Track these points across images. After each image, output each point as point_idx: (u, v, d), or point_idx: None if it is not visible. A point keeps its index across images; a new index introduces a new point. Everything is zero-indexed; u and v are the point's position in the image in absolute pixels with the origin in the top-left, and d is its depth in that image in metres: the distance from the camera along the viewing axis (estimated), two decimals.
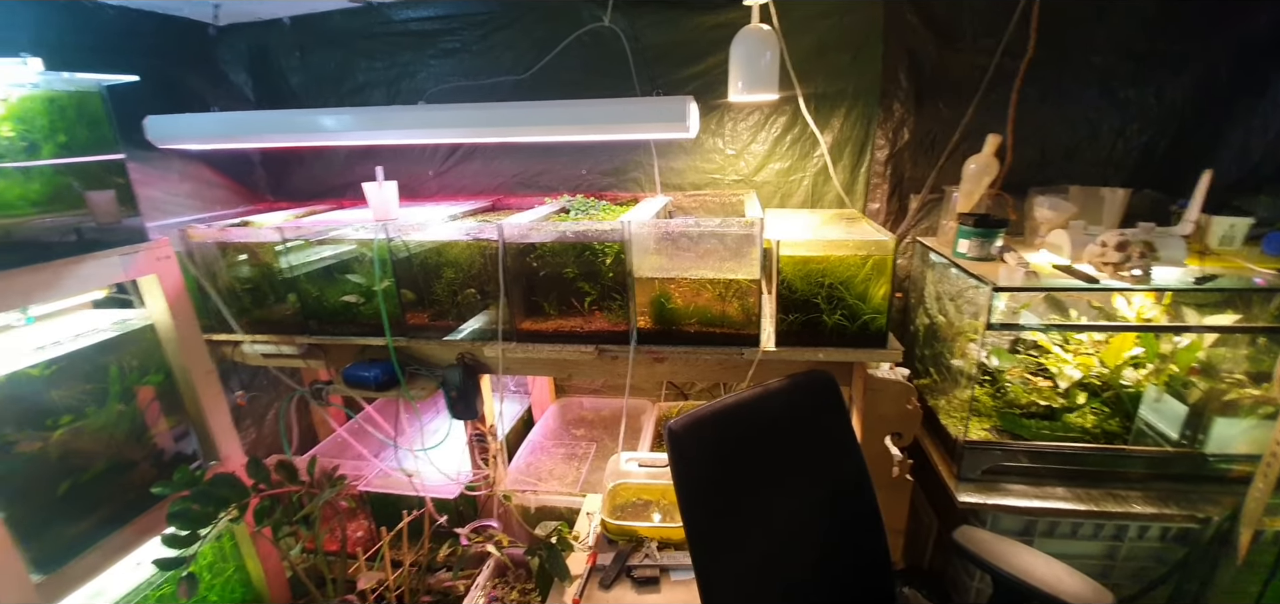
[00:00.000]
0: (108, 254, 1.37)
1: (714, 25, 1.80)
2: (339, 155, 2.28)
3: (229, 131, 1.75)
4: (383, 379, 1.64)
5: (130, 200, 1.42)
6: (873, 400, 1.49)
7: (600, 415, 2.48)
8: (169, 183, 1.95)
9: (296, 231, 1.64)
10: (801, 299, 1.41)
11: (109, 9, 1.75)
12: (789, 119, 1.89)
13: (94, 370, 1.39)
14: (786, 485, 1.24)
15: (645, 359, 1.55)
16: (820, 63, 1.81)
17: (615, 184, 2.07)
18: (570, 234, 1.47)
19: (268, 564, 1.86)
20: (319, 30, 2.10)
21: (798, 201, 1.96)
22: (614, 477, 1.80)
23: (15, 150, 1.21)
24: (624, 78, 1.89)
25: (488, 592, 1.87)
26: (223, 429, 1.68)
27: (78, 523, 1.36)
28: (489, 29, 1.98)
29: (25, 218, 1.24)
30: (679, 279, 1.47)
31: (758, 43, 1.48)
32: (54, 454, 1.30)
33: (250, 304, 1.74)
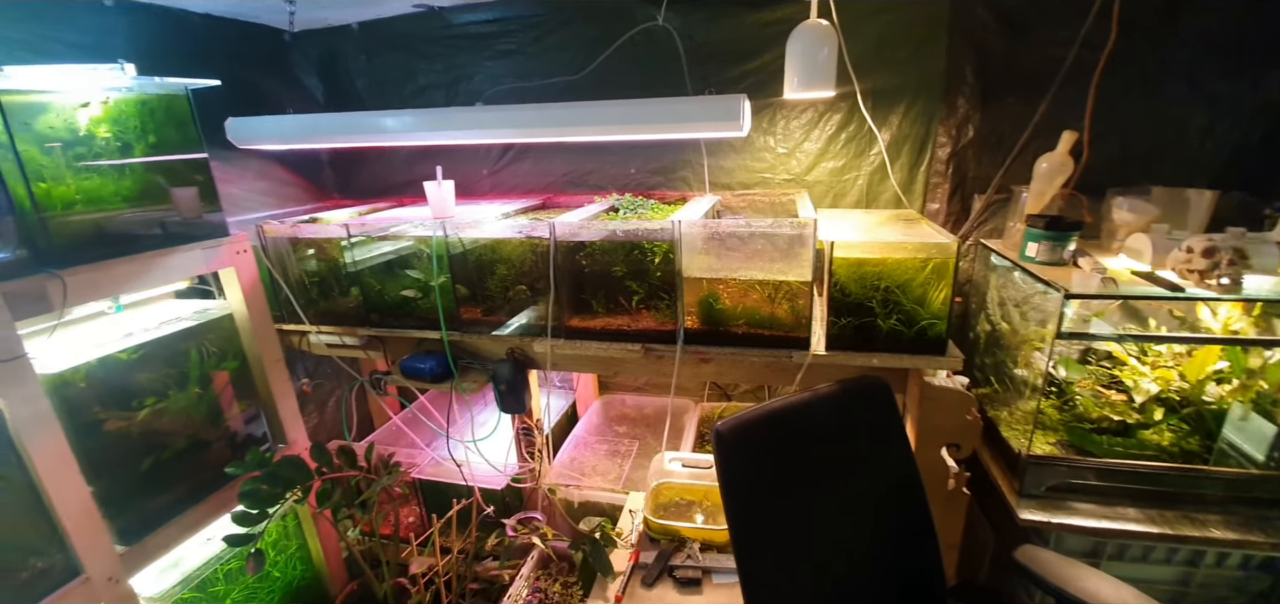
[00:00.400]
0: (191, 247, 1.48)
1: (769, 22, 1.77)
2: (400, 155, 2.37)
3: (302, 132, 1.85)
4: (437, 372, 1.70)
5: (212, 197, 1.53)
6: (929, 409, 1.43)
7: (643, 413, 2.49)
8: (246, 180, 2.09)
9: (361, 228, 1.71)
10: (855, 302, 1.37)
11: (196, 17, 1.88)
12: (844, 116, 1.84)
13: (176, 356, 1.50)
14: (836, 493, 1.21)
15: (691, 359, 1.54)
16: (879, 58, 1.75)
17: (663, 183, 2.07)
18: (620, 233, 1.48)
19: (326, 544, 1.96)
20: (384, 35, 2.19)
21: (851, 201, 1.90)
22: (657, 476, 1.81)
23: (110, 150, 1.32)
24: (675, 76, 1.88)
25: (531, 582, 1.91)
26: (290, 414, 1.78)
27: (157, 498, 1.47)
28: (543, 31, 2.01)
29: (117, 212, 1.35)
30: (728, 279, 1.46)
31: (815, 38, 1.44)
32: (137, 433, 1.41)
33: (317, 296, 1.83)
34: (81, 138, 1.27)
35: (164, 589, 1.49)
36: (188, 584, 1.55)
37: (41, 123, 1.21)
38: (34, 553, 1.20)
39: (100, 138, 1.30)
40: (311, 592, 1.96)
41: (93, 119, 1.28)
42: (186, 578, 1.55)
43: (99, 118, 1.30)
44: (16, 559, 1.17)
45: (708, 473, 1.77)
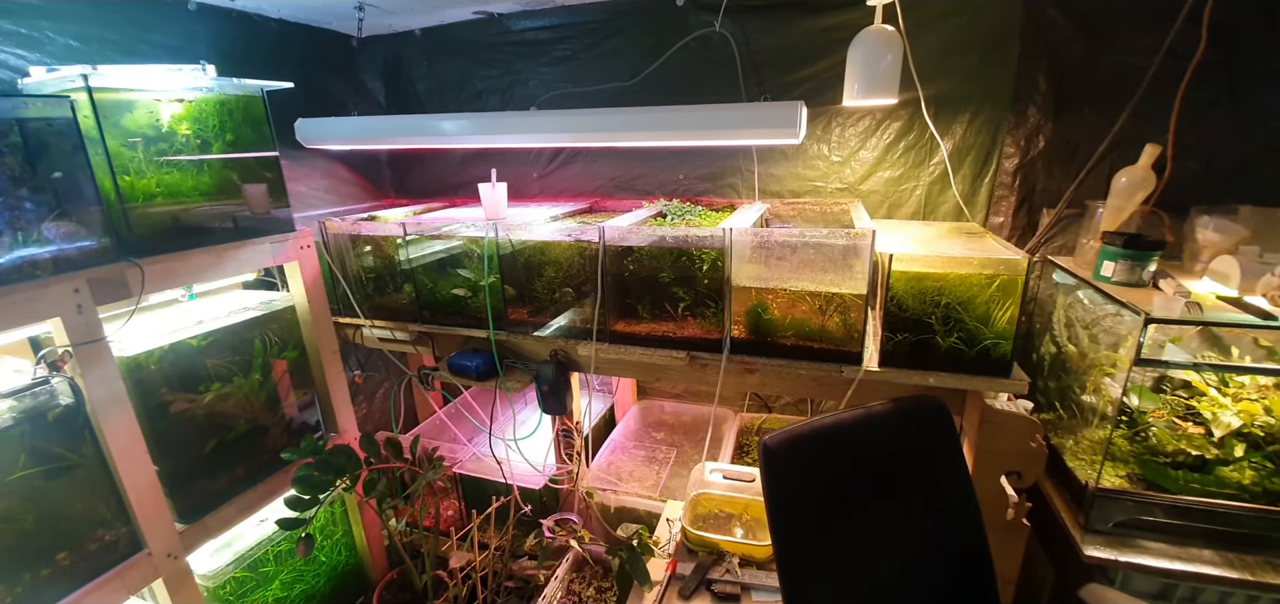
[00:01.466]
0: (261, 241, 1.55)
1: (828, 28, 1.74)
2: (455, 157, 2.44)
3: (365, 134, 1.92)
4: (483, 370, 1.73)
5: (281, 193, 1.60)
6: (989, 434, 1.36)
7: (681, 420, 2.47)
8: (312, 179, 2.19)
9: (417, 227, 1.76)
10: (912, 318, 1.32)
11: (271, 21, 1.99)
12: (904, 124, 1.78)
13: (242, 343, 1.57)
14: (887, 516, 1.16)
15: (736, 369, 1.51)
16: (945, 64, 1.68)
17: (711, 189, 2.05)
18: (669, 239, 1.47)
19: (370, 532, 2.02)
20: (445, 40, 2.26)
21: (908, 212, 1.84)
22: (697, 486, 1.78)
23: (190, 146, 1.40)
24: (728, 82, 1.87)
25: (566, 584, 1.91)
26: (342, 404, 1.84)
27: (217, 479, 1.54)
28: (598, 37, 2.03)
29: (193, 206, 1.43)
30: (777, 289, 1.43)
31: (879, 44, 1.40)
32: (200, 416, 1.48)
33: (372, 291, 1.89)
34: (164, 134, 1.35)
35: (218, 567, 1.56)
36: (240, 563, 1.61)
37: (128, 119, 1.29)
38: (102, 526, 1.27)
39: (181, 135, 1.38)
40: (354, 578, 2.02)
41: (175, 116, 1.36)
42: (239, 557, 1.61)
43: (181, 116, 1.37)
44: (85, 532, 1.24)
45: (749, 486, 1.73)
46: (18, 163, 1.13)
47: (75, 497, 1.22)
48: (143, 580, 1.33)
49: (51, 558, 1.19)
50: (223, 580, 1.57)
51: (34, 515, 1.16)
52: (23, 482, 1.14)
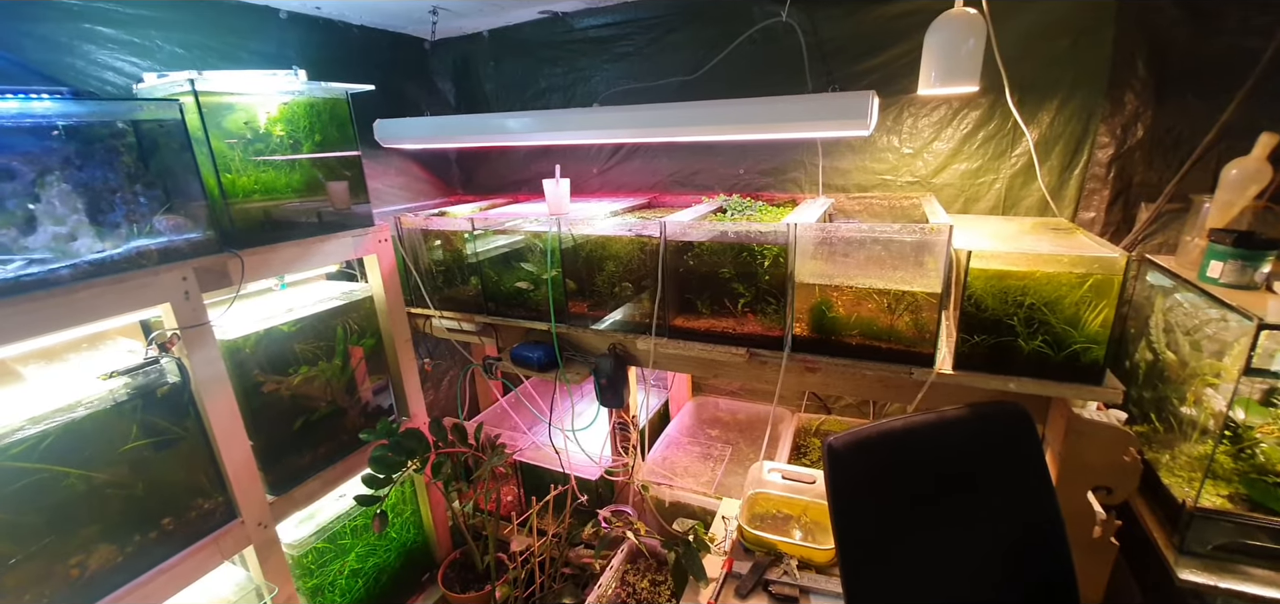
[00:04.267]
0: (344, 235, 1.65)
1: (899, 14, 1.66)
2: (519, 154, 2.51)
3: (437, 133, 2.01)
4: (544, 361, 1.77)
5: (362, 190, 1.70)
6: (1076, 445, 1.27)
7: (736, 418, 2.44)
8: (388, 176, 2.31)
9: (484, 222, 1.82)
10: (992, 319, 1.25)
11: (354, 28, 2.11)
12: (983, 114, 1.68)
13: (326, 330, 1.67)
14: (961, 528, 1.11)
15: (797, 368, 1.48)
16: (1031, 49, 1.58)
17: (773, 184, 2.01)
18: (731, 234, 1.45)
19: (436, 513, 2.12)
20: (511, 41, 2.32)
21: (986, 207, 1.74)
22: (755, 485, 1.76)
23: (284, 146, 1.50)
24: (792, 74, 1.82)
25: (620, 574, 1.93)
26: (413, 389, 1.94)
27: (302, 455, 1.65)
28: (660, 32, 2.03)
29: (284, 201, 1.53)
30: (843, 286, 1.38)
31: (960, 29, 1.33)
32: (287, 396, 1.59)
33: (442, 283, 1.98)
34: (261, 135, 1.46)
35: (301, 538, 1.68)
36: (321, 535, 1.73)
37: (229, 121, 1.40)
38: (201, 495, 1.39)
39: (276, 135, 1.49)
40: (421, 555, 2.12)
41: (270, 118, 1.47)
42: (320, 529, 1.73)
43: (275, 117, 1.48)
44: (187, 500, 1.36)
45: (809, 488, 1.70)
46: (133, 161, 1.25)
47: (179, 467, 1.34)
48: (236, 546, 1.45)
49: (158, 522, 1.31)
50: (305, 550, 1.68)
51: (143, 483, 1.28)
52: (134, 452, 1.26)
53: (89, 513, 1.19)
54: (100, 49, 1.47)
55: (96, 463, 1.20)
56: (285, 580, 1.56)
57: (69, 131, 1.16)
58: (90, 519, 1.20)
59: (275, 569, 1.53)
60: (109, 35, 1.48)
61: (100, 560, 1.22)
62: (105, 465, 1.21)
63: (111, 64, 1.49)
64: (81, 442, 1.18)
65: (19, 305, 1.06)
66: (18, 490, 1.09)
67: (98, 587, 1.21)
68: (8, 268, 1.08)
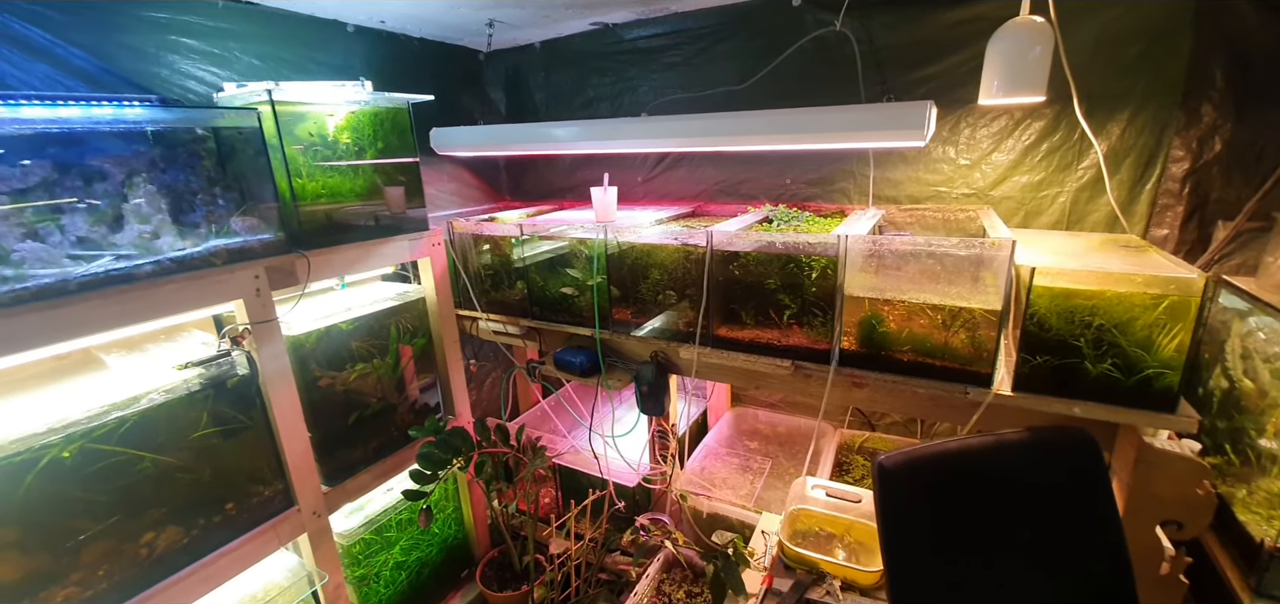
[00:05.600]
0: (400, 238, 1.71)
1: (961, 21, 1.61)
2: (565, 162, 2.55)
3: (490, 141, 2.07)
4: (587, 366, 1.79)
5: (419, 195, 1.76)
6: (1146, 476, 1.20)
7: (776, 431, 2.40)
8: (440, 181, 2.40)
9: (532, 228, 1.86)
10: (1056, 339, 1.19)
11: (414, 40, 2.20)
12: (1047, 124, 1.61)
13: (380, 329, 1.74)
14: (1020, 557, 1.06)
15: (844, 382, 1.45)
16: (1100, 58, 1.51)
17: (820, 194, 1.98)
18: (779, 244, 1.44)
19: (477, 511, 2.16)
20: (561, 52, 2.37)
21: (1048, 221, 1.67)
22: (797, 500, 1.73)
23: (349, 153, 1.58)
24: (844, 83, 1.79)
25: (656, 583, 1.93)
26: (459, 389, 1.99)
27: (355, 449, 1.72)
28: (709, 42, 2.03)
29: (345, 205, 1.60)
30: (895, 300, 1.35)
31: (1025, 37, 1.28)
32: (342, 391, 1.65)
33: (489, 287, 2.03)
34: (328, 142, 1.53)
35: (350, 528, 1.74)
36: (369, 527, 1.79)
37: (301, 128, 1.47)
38: (262, 483, 1.45)
39: (342, 143, 1.56)
40: (461, 551, 2.16)
41: (337, 126, 1.54)
42: (369, 521, 1.79)
43: (342, 125, 1.56)
44: (249, 487, 1.43)
45: (853, 506, 1.66)
46: (212, 165, 1.33)
47: (243, 455, 1.41)
48: (292, 533, 1.51)
49: (222, 507, 1.38)
50: (354, 540, 1.74)
51: (211, 469, 1.35)
52: (203, 439, 1.33)
53: (160, 495, 1.27)
54: (184, 59, 1.58)
55: (169, 448, 1.27)
56: (335, 569, 1.62)
57: (156, 136, 1.24)
58: (160, 501, 1.27)
59: (327, 557, 1.60)
60: (192, 46, 1.59)
61: (168, 541, 1.29)
62: (176, 451, 1.29)
63: (194, 74, 1.60)
64: (156, 428, 1.25)
65: (107, 298, 1.14)
66: (97, 471, 1.17)
67: (165, 566, 1.28)
68: (98, 263, 1.16)
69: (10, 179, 1.09)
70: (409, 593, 1.95)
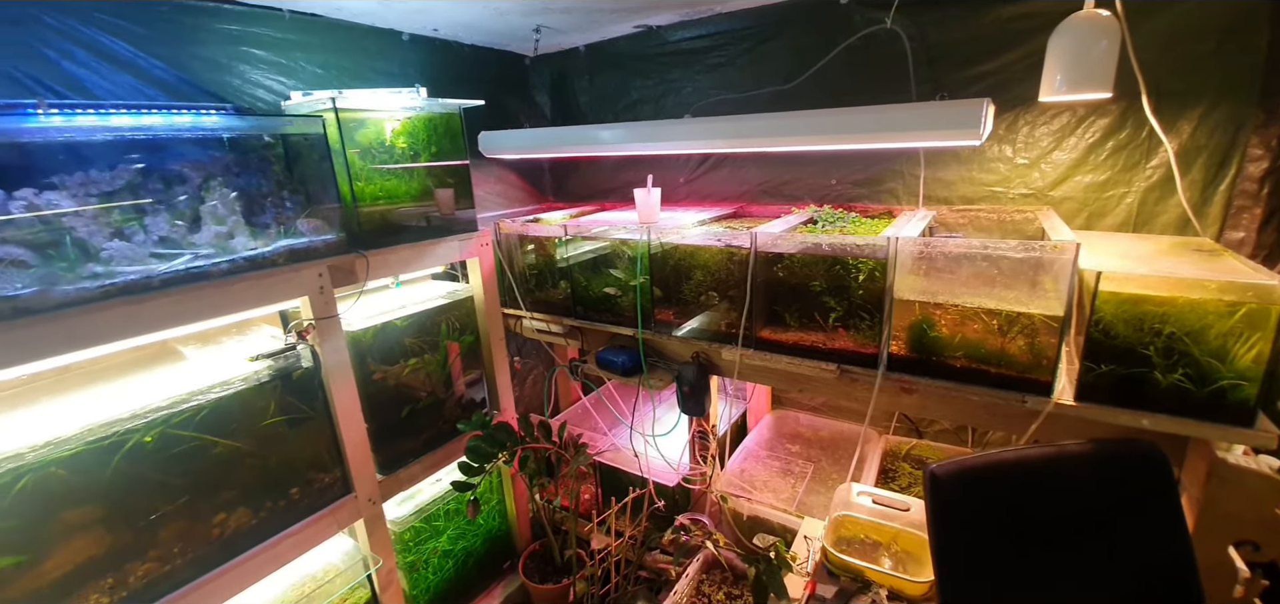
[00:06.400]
0: (451, 239, 1.77)
1: (1019, 16, 1.56)
2: (608, 163, 2.58)
3: (537, 144, 2.13)
4: (629, 366, 1.81)
5: (469, 197, 1.82)
6: (1219, 493, 1.14)
7: (818, 435, 2.37)
8: (487, 184, 2.47)
9: (576, 228, 1.89)
10: (1123, 347, 1.14)
11: (465, 47, 2.27)
12: (1113, 122, 1.54)
13: (431, 326, 1.80)
14: (1079, 574, 1.03)
15: (892, 387, 1.42)
16: (1171, 52, 1.43)
17: (867, 195, 1.94)
18: (826, 246, 1.42)
19: (519, 504, 2.21)
20: (605, 54, 2.40)
21: (1113, 223, 1.59)
22: (842, 506, 1.70)
23: (404, 156, 1.64)
24: (894, 81, 1.76)
25: (695, 583, 1.93)
26: (504, 386, 2.04)
27: (407, 440, 1.78)
28: (753, 42, 2.03)
29: (400, 207, 1.67)
30: (947, 304, 1.32)
31: (1090, 31, 1.23)
32: (394, 385, 1.72)
33: (534, 286, 2.07)
34: (386, 146, 1.60)
35: (401, 515, 1.81)
36: (419, 515, 1.85)
37: (361, 134, 1.54)
38: (323, 470, 1.52)
39: (398, 147, 1.63)
40: (503, 543, 2.22)
41: (394, 131, 1.61)
42: (419, 510, 1.85)
43: (398, 130, 1.62)
44: (311, 474, 1.50)
45: (902, 515, 1.62)
46: (281, 169, 1.41)
47: (306, 444, 1.49)
48: (349, 518, 1.58)
49: (286, 491, 1.46)
50: (405, 528, 1.81)
51: (277, 455, 1.42)
52: (271, 427, 1.40)
53: (231, 479, 1.34)
54: (254, 69, 1.67)
55: (239, 435, 1.35)
56: (388, 554, 1.69)
57: (231, 142, 1.32)
58: (231, 485, 1.35)
59: (380, 543, 1.66)
60: (261, 57, 1.68)
61: (238, 521, 1.37)
62: (246, 437, 1.36)
63: (263, 82, 1.69)
64: (229, 415, 1.33)
65: (187, 294, 1.22)
66: (176, 455, 1.25)
67: (235, 545, 1.36)
68: (178, 260, 1.24)
69: (100, 182, 1.18)
70: (455, 581, 2.01)
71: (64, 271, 1.10)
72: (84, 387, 1.32)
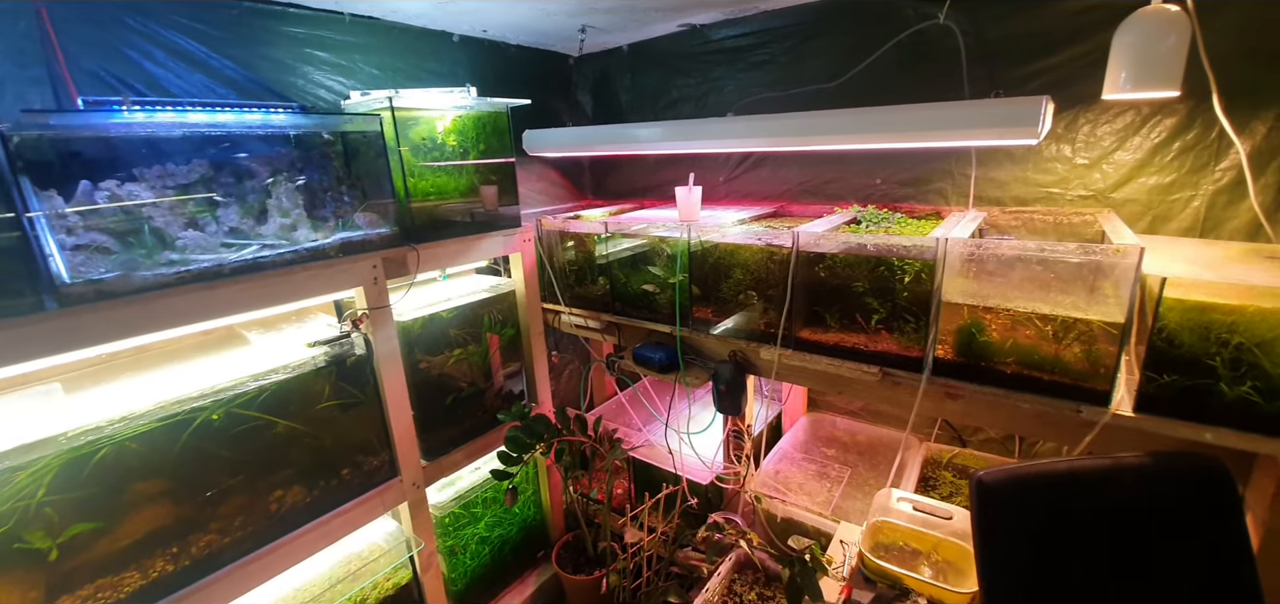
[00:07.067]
0: (496, 234, 1.82)
1: (1081, 10, 1.50)
2: (647, 161, 2.60)
3: (580, 142, 2.16)
4: (665, 363, 1.82)
5: (513, 194, 1.86)
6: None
7: (855, 439, 2.33)
8: (529, 181, 2.53)
9: (616, 226, 1.92)
10: (1187, 357, 1.09)
11: (511, 47, 2.33)
12: (1181, 121, 1.47)
13: (474, 319, 1.85)
14: (1134, 596, 0.98)
15: (936, 392, 1.39)
16: (1243, 49, 1.35)
17: (913, 195, 1.90)
18: (871, 247, 1.40)
19: (554, 495, 2.25)
20: (648, 53, 2.42)
21: (1179, 227, 1.52)
22: (880, 512, 1.67)
23: (454, 154, 1.70)
24: (945, 77, 1.72)
25: (726, 582, 1.93)
26: (542, 379, 2.08)
27: (450, 428, 1.83)
28: (798, 40, 2.01)
29: (447, 203, 1.72)
30: (998, 308, 1.28)
31: (1158, 27, 1.18)
32: (437, 375, 1.77)
33: (573, 282, 2.11)
34: (438, 144, 1.65)
35: (442, 500, 1.86)
36: (459, 501, 1.91)
37: (415, 132, 1.60)
38: (371, 453, 1.59)
39: (449, 144, 1.68)
40: (538, 532, 2.26)
41: (445, 129, 1.66)
42: (458, 496, 1.91)
43: (449, 128, 1.68)
44: (360, 457, 1.56)
45: (944, 523, 1.59)
46: (340, 165, 1.47)
47: (357, 428, 1.55)
48: (395, 501, 1.64)
49: (338, 472, 1.52)
50: (445, 513, 1.87)
51: (330, 437, 1.49)
52: (326, 411, 1.47)
53: (288, 458, 1.42)
54: (316, 69, 1.76)
55: (297, 416, 1.42)
56: (430, 537, 1.75)
57: (296, 139, 1.39)
58: (288, 463, 1.42)
59: (423, 526, 1.72)
60: (323, 58, 1.76)
61: (293, 499, 1.44)
62: (303, 419, 1.43)
63: (324, 82, 1.77)
64: (288, 397, 1.40)
65: (254, 281, 1.30)
66: (239, 433, 1.32)
67: (290, 521, 1.43)
68: (246, 250, 1.32)
69: (177, 175, 1.26)
70: (491, 567, 2.07)
71: (143, 258, 1.17)
72: (157, 366, 1.41)
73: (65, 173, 1.09)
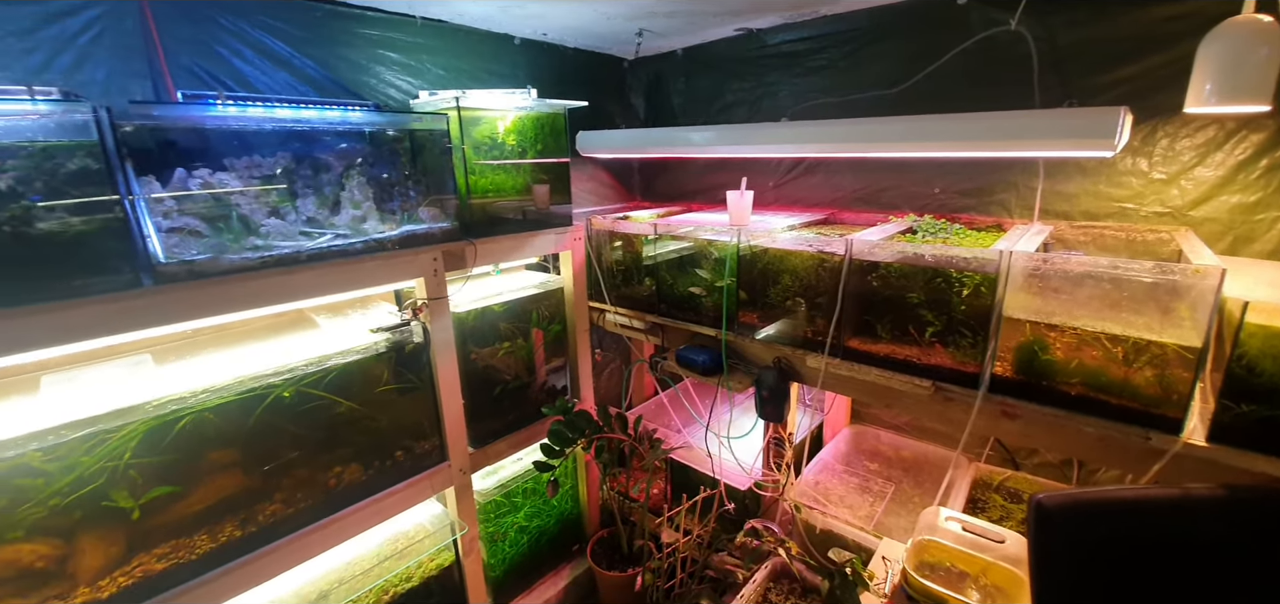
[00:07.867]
0: (548, 232, 1.87)
1: (1168, 17, 1.43)
2: (697, 165, 2.62)
3: (633, 144, 2.20)
4: (709, 365, 1.82)
5: (565, 192, 1.91)
6: None
7: (899, 455, 2.28)
8: (580, 181, 2.58)
9: (665, 227, 1.94)
10: (1268, 386, 1.03)
11: (569, 50, 2.39)
12: (1268, 138, 1.38)
13: (523, 314, 1.91)
14: None
15: (992, 410, 1.35)
16: None
17: (974, 206, 1.84)
18: (929, 257, 1.37)
19: (591, 491, 2.28)
20: (702, 57, 2.43)
21: (1263, 249, 1.42)
22: (927, 530, 1.63)
23: (513, 153, 1.76)
24: (1014, 86, 1.66)
25: (762, 590, 1.91)
26: (585, 375, 2.12)
27: (496, 418, 1.89)
28: (857, 45, 1.99)
29: (502, 199, 1.78)
30: (1063, 326, 1.23)
31: (1249, 37, 1.11)
32: (485, 366, 1.83)
33: (620, 282, 2.14)
34: (498, 143, 1.72)
35: (486, 488, 1.93)
36: (501, 489, 1.97)
37: (477, 131, 1.67)
38: (423, 438, 1.65)
39: (509, 144, 1.75)
40: (574, 526, 2.30)
41: (506, 129, 1.72)
42: (501, 485, 1.97)
43: (510, 128, 1.74)
44: (413, 440, 1.63)
45: (995, 546, 1.53)
46: (407, 161, 1.55)
47: (412, 412, 1.62)
48: (443, 484, 1.70)
49: (393, 453, 1.59)
50: (488, 499, 1.93)
51: (387, 419, 1.56)
52: (384, 394, 1.54)
53: (348, 437, 1.49)
54: (388, 70, 1.85)
55: (358, 397, 1.49)
56: (473, 522, 1.80)
57: (370, 136, 1.47)
58: (348, 442, 1.49)
59: (467, 511, 1.78)
60: (394, 59, 1.86)
61: (351, 476, 1.52)
62: (363, 401, 1.50)
63: (394, 82, 1.87)
64: (352, 379, 1.47)
65: (327, 268, 1.38)
66: (306, 411, 1.40)
67: (347, 497, 1.50)
68: (321, 239, 1.40)
69: (262, 166, 1.35)
70: (528, 556, 2.11)
71: (230, 242, 1.26)
72: (235, 345, 1.51)
73: (162, 160, 1.18)
